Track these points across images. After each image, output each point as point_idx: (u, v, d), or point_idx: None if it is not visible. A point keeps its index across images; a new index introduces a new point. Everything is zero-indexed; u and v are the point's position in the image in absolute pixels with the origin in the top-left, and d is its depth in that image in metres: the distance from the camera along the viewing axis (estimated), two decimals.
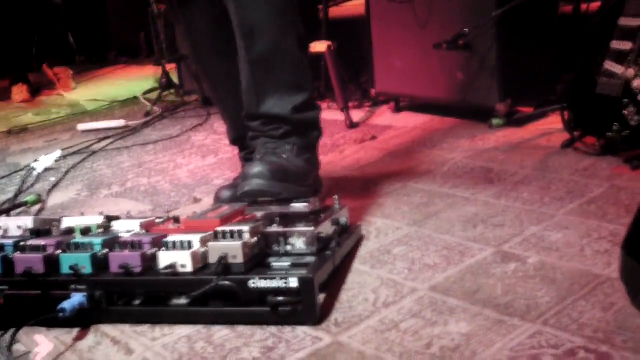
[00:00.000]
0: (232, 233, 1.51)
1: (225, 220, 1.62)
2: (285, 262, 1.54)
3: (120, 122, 3.74)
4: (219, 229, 1.53)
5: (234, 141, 2.22)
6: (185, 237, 1.53)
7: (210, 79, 2.14)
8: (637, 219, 1.31)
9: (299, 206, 1.71)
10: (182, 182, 2.61)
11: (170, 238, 1.54)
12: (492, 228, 1.82)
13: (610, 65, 2.21)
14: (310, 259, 1.55)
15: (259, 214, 1.73)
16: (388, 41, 3.18)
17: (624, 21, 2.19)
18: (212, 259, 1.49)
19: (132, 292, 1.55)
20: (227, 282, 1.45)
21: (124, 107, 4.38)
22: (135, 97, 4.49)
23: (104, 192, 2.59)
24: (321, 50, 3.27)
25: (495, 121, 2.79)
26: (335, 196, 1.82)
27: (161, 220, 1.80)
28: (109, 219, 1.81)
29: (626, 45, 2.18)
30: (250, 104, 1.93)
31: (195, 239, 1.53)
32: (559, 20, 2.96)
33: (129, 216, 1.88)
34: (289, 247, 1.59)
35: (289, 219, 1.66)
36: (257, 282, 1.44)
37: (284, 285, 1.43)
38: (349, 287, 1.59)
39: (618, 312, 1.35)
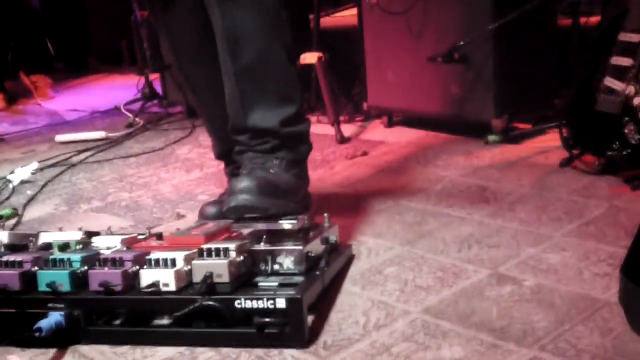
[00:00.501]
0: (217, 251, 1.51)
1: (210, 237, 1.62)
2: (273, 282, 1.55)
3: (101, 134, 3.74)
4: (204, 246, 1.53)
5: (219, 156, 2.22)
6: (168, 255, 1.53)
7: (194, 90, 2.14)
8: (636, 242, 1.32)
9: (287, 224, 1.72)
10: (165, 197, 2.61)
11: (153, 256, 1.54)
12: (487, 249, 1.84)
13: (610, 82, 2.24)
14: (298, 278, 1.56)
15: (245, 231, 1.73)
16: (381, 53, 3.20)
17: (624, 37, 2.21)
18: (197, 278, 1.49)
19: (113, 311, 1.55)
20: (212, 302, 1.45)
21: (105, 118, 4.38)
22: (116, 108, 4.48)
23: (84, 207, 2.59)
24: (312, 62, 3.28)
25: (491, 138, 2.81)
26: (325, 214, 1.83)
27: (143, 237, 1.80)
28: (89, 235, 1.81)
29: (626, 61, 2.21)
30: (236, 117, 1.92)
31: (179, 257, 1.53)
32: (558, 33, 3.00)
33: (109, 232, 1.88)
34: (276, 267, 1.59)
35: (277, 237, 1.67)
36: (243, 303, 1.45)
37: (271, 305, 1.43)
38: (339, 308, 1.60)
39: (617, 337, 1.37)
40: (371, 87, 3.29)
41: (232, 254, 1.51)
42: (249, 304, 1.45)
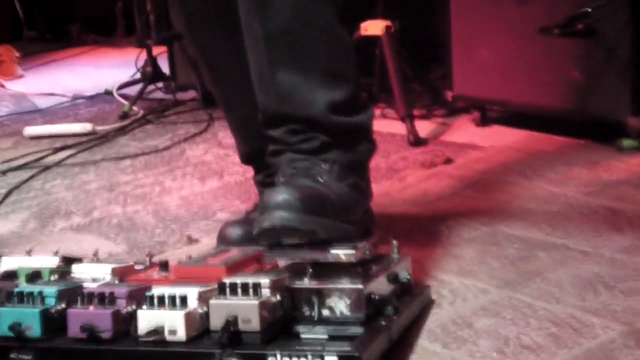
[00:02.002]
0: (244, 287, 1.51)
1: (234, 268, 1.63)
2: (320, 333, 1.54)
3: (85, 127, 3.78)
4: (226, 280, 1.52)
5: (246, 159, 2.23)
6: (177, 291, 1.53)
7: (212, 68, 2.16)
8: None
9: (341, 253, 1.71)
10: (171, 213, 2.63)
11: (155, 291, 1.54)
12: (622, 297, 1.81)
13: None
14: (356, 329, 1.55)
15: (282, 262, 1.73)
16: (473, 24, 3.19)
17: None
18: (215, 323, 1.49)
19: None
20: (236, 358, 1.45)
21: (91, 105, 4.43)
22: (107, 93, 4.53)
23: (61, 224, 2.62)
24: (376, 34, 3.29)
25: (627, 143, 2.80)
26: (394, 242, 1.82)
27: (142, 266, 1.81)
28: (68, 261, 1.83)
29: None
30: (268, 101, 1.91)
31: (191, 293, 1.53)
32: None
33: (95, 259, 1.89)
34: (326, 312, 1.58)
35: (327, 271, 1.66)
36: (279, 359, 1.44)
37: None
38: None
39: None
40: (458, 69, 3.29)
41: (265, 292, 1.51)
42: None
